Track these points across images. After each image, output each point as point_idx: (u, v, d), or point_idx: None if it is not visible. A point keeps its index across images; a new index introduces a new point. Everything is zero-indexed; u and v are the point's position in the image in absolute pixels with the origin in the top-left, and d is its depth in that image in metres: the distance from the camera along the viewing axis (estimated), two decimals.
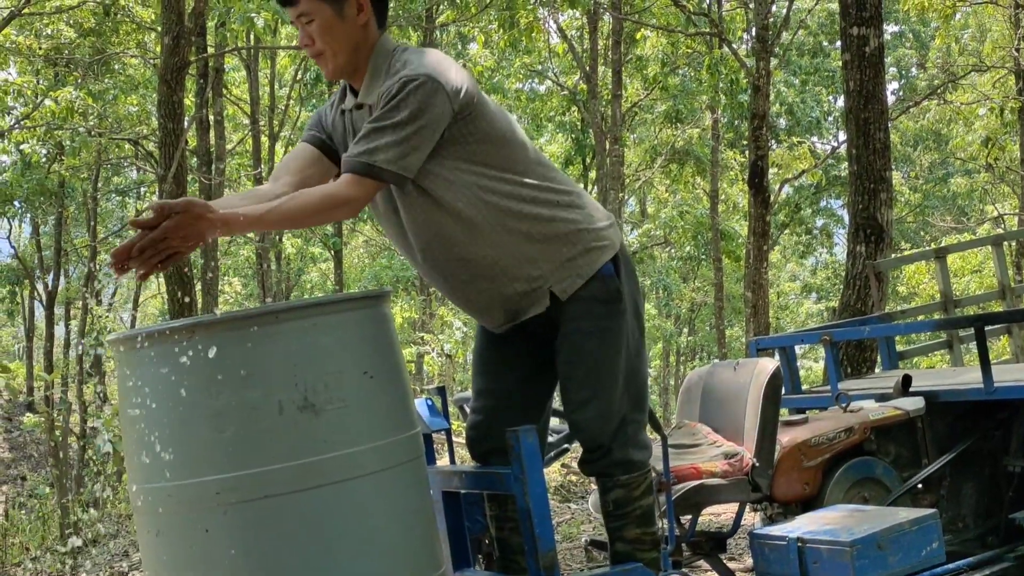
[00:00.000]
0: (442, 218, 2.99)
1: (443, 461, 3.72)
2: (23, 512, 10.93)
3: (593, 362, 3.07)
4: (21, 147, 17.53)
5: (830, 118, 24.54)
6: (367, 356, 2.70)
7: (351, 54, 3.00)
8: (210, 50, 15.10)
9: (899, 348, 6.29)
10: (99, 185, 22.49)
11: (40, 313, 26.37)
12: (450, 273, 3.09)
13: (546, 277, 3.05)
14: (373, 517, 2.62)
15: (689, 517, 4.06)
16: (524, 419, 3.05)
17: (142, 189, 24.56)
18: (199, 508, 2.55)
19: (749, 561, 4.57)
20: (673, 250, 25.84)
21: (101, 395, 23.81)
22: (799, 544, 3.58)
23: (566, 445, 3.57)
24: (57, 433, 10.08)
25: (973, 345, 4.75)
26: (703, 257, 25.71)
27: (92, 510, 9.59)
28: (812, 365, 27.48)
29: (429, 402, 3.44)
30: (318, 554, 2.54)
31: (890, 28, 29.70)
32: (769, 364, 4.05)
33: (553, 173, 3.13)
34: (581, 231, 3.07)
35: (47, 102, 16.14)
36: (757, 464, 3.89)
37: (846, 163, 10.31)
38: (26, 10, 15.37)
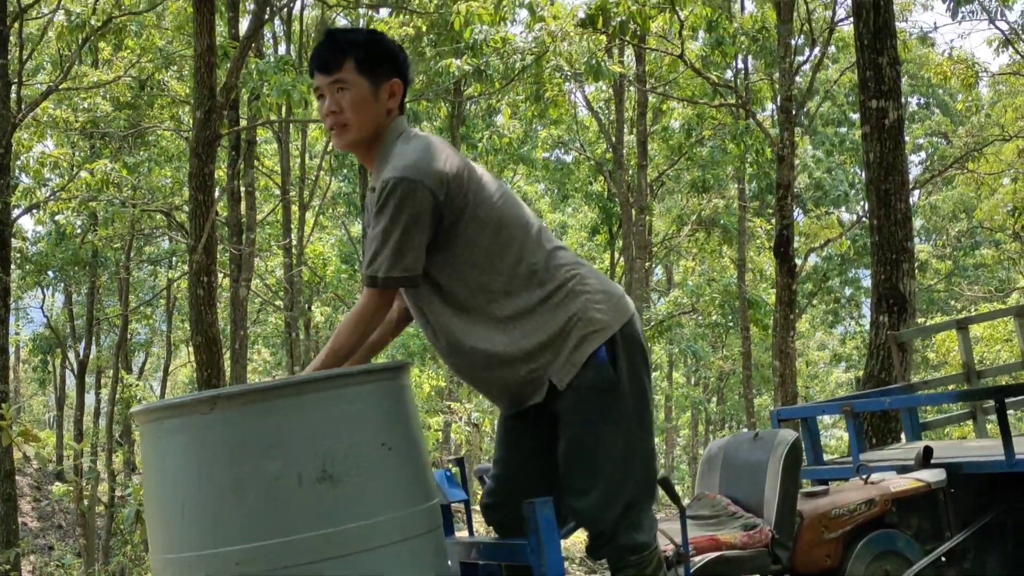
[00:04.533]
0: (445, 307, 3.09)
1: (463, 533, 3.74)
2: None
3: (590, 452, 3.08)
4: (56, 218, 17.82)
5: (854, 190, 24.59)
6: (386, 428, 2.75)
7: (372, 133, 3.10)
8: (242, 122, 15.39)
9: (924, 418, 6.26)
10: (131, 255, 22.76)
11: (71, 382, 26.59)
12: (459, 359, 3.17)
13: (543, 369, 3.08)
14: None
15: None
16: (540, 489, 3.06)
17: (174, 259, 24.83)
18: None
19: None
20: (701, 318, 25.80)
21: (130, 464, 23.90)
22: None
23: None
24: (85, 502, 10.13)
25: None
26: (731, 325, 25.64)
27: None
28: (843, 435, 27.21)
29: (448, 473, 3.46)
30: None
31: (915, 100, 29.83)
32: (789, 435, 4.06)
33: (555, 257, 3.13)
34: (575, 322, 3.07)
35: (83, 174, 16.43)
36: (777, 536, 3.87)
37: None
38: (63, 85, 15.74)
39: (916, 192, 25.42)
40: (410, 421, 2.86)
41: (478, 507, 3.50)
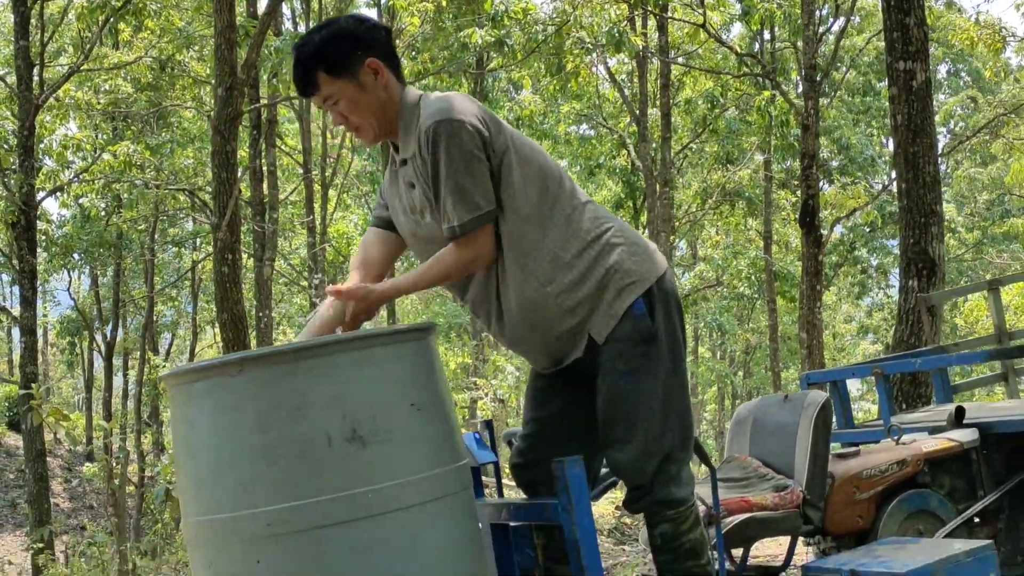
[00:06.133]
0: (484, 268, 3.07)
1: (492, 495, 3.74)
2: (83, 560, 11.04)
3: (629, 403, 3.07)
4: (80, 200, 17.93)
5: (882, 159, 24.38)
6: (414, 388, 2.73)
7: (382, 117, 3.07)
8: (263, 102, 15.39)
9: (954, 381, 6.19)
10: (156, 237, 22.87)
11: (99, 364, 26.80)
12: (499, 319, 3.15)
13: (583, 322, 3.07)
14: (422, 548, 2.63)
15: (740, 551, 4.03)
16: (570, 449, 3.05)
17: (198, 240, 24.93)
18: (250, 540, 2.58)
19: None
20: (726, 291, 25.70)
21: (159, 444, 24.08)
22: None
23: (615, 478, 3.56)
24: (116, 481, 10.19)
25: None
26: (757, 298, 25.54)
27: (149, 559, 9.68)
28: (870, 407, 27.13)
29: (477, 436, 3.44)
30: None
31: (944, 68, 29.53)
32: (819, 396, 4.02)
33: (588, 210, 3.13)
34: (612, 274, 3.06)
35: (105, 156, 16.51)
36: (808, 497, 3.84)
37: None
38: (85, 66, 15.78)
39: (944, 161, 25.21)
40: (438, 382, 2.85)
41: (507, 470, 3.49)
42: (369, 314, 3.02)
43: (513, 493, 6.00)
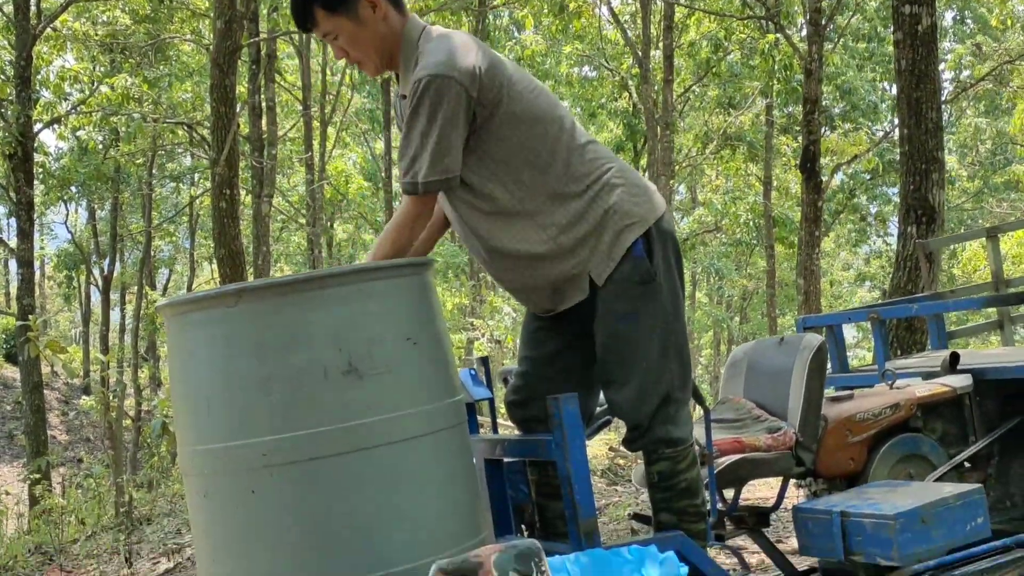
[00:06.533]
0: (481, 208, 3.06)
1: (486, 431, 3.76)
2: (79, 492, 11.11)
3: (628, 344, 3.08)
4: (78, 133, 17.82)
5: (884, 104, 24.19)
6: (410, 323, 2.74)
7: (382, 50, 3.05)
8: (262, 36, 15.23)
9: (950, 329, 6.19)
10: (154, 171, 22.77)
11: (96, 298, 26.83)
12: (496, 265, 3.15)
13: (583, 264, 3.07)
14: (416, 481, 2.65)
15: (732, 491, 4.06)
16: (564, 388, 3.06)
17: (196, 176, 24.84)
18: (246, 469, 2.60)
19: (793, 542, 4.55)
20: (725, 236, 25.66)
21: (156, 379, 24.17)
22: (842, 518, 3.56)
23: (608, 417, 3.57)
24: (112, 414, 10.23)
25: None
26: (755, 243, 25.51)
27: (146, 491, 9.75)
28: (865, 355, 27.21)
29: (472, 372, 3.46)
30: (361, 516, 2.58)
31: (949, 15, 29.25)
32: (815, 339, 4.02)
33: (588, 151, 3.10)
34: (611, 214, 3.05)
35: (103, 88, 16.38)
36: (801, 439, 3.87)
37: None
38: None
39: (948, 109, 25.05)
40: (435, 317, 2.85)
41: (503, 408, 3.51)
42: None
43: (508, 432, 6.02)
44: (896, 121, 12.96)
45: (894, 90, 10.78)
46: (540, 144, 3.03)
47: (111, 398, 10.08)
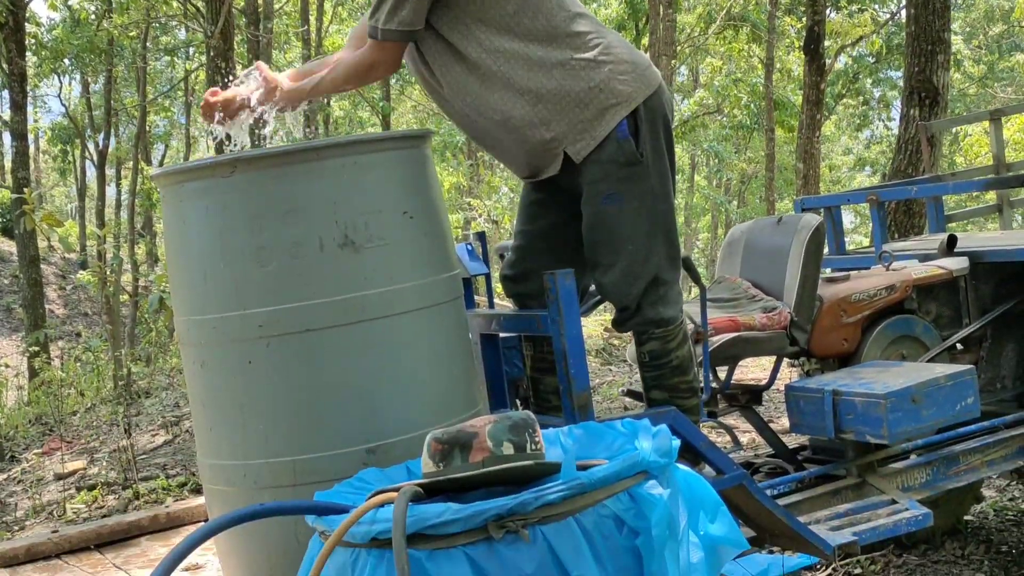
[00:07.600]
0: (458, 67, 2.98)
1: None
2: (78, 365, 11.21)
3: (613, 227, 3.04)
4: (69, 3, 17.47)
5: None
6: (407, 196, 2.72)
7: None
8: None
9: (949, 211, 6.17)
10: (148, 44, 22.40)
11: (92, 173, 26.65)
12: (473, 123, 3.08)
13: (559, 139, 2.99)
14: (411, 353, 2.66)
15: (726, 370, 4.09)
16: (559, 262, 3.05)
17: (190, 49, 24.45)
18: (242, 340, 2.61)
19: (785, 422, 4.60)
20: (725, 119, 25.42)
21: (152, 255, 24.19)
22: (834, 396, 3.59)
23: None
24: (110, 288, 10.26)
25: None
26: (756, 126, 25.30)
27: (144, 364, 9.84)
28: (862, 240, 27.24)
29: (469, 247, 3.44)
30: (357, 387, 2.59)
31: None
32: (813, 219, 4.00)
33: (577, 22, 3.01)
34: (595, 91, 2.96)
35: None
36: (796, 318, 3.88)
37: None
38: None
39: None
40: (432, 191, 2.83)
41: (499, 284, 3.50)
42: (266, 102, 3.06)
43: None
44: (902, 2, 12.74)
45: None
46: (522, 7, 2.94)
47: (108, 273, 10.10)
